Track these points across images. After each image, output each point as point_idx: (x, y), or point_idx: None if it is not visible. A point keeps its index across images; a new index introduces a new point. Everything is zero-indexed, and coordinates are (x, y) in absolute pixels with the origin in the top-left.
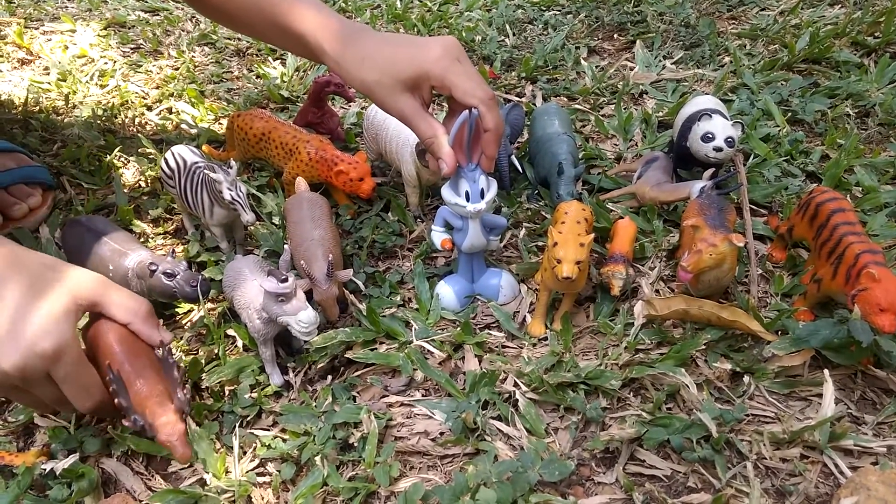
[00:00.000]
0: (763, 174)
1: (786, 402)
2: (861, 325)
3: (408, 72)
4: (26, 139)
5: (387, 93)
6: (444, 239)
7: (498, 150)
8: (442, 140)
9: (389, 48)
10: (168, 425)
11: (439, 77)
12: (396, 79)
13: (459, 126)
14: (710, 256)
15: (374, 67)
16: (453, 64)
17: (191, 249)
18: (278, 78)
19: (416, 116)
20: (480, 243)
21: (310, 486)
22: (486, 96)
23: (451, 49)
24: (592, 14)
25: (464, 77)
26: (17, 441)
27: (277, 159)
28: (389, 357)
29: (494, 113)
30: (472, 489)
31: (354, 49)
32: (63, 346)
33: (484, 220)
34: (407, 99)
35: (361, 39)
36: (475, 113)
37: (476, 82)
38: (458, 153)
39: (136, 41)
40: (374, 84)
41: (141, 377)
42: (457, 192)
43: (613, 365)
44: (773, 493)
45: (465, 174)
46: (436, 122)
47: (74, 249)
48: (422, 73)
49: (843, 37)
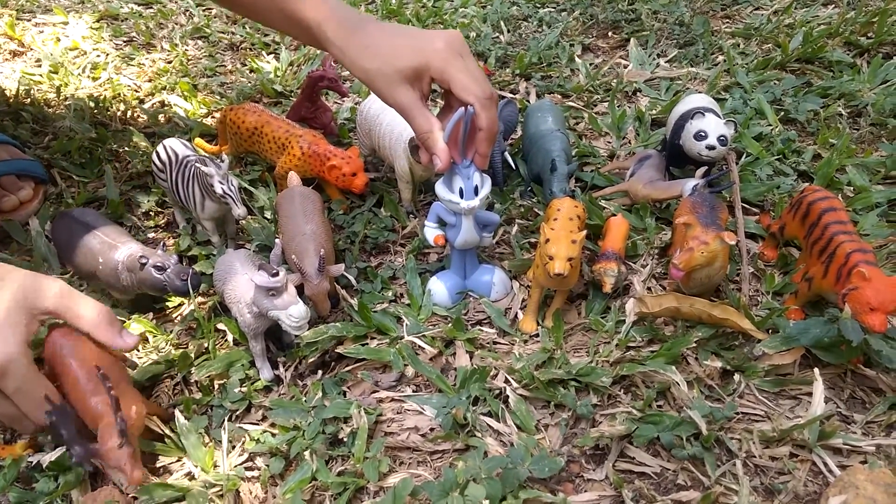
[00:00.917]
0: (755, 173)
1: (776, 401)
2: (851, 323)
3: (409, 63)
4: (17, 131)
5: (387, 83)
6: (437, 235)
7: (491, 148)
8: (437, 135)
9: (393, 38)
10: (112, 451)
11: (439, 70)
12: (397, 69)
13: (455, 123)
14: (701, 254)
15: (376, 56)
16: (455, 58)
17: (182, 243)
18: (272, 72)
19: (414, 109)
20: (473, 240)
21: (298, 481)
22: (483, 95)
23: (454, 43)
24: (587, 11)
25: (464, 73)
26: (4, 433)
27: (270, 153)
28: (380, 352)
29: (490, 112)
30: (461, 485)
31: (358, 38)
32: (7, 361)
33: (477, 217)
34: (406, 90)
35: (365, 28)
36: (471, 110)
37: (476, 79)
38: (453, 150)
39: (129, 34)
40: (375, 73)
41: (96, 395)
42: (451, 188)
43: (604, 362)
44: (763, 491)
45: (460, 171)
46: (433, 117)
47: (64, 242)
48: (423, 64)
49: (837, 37)
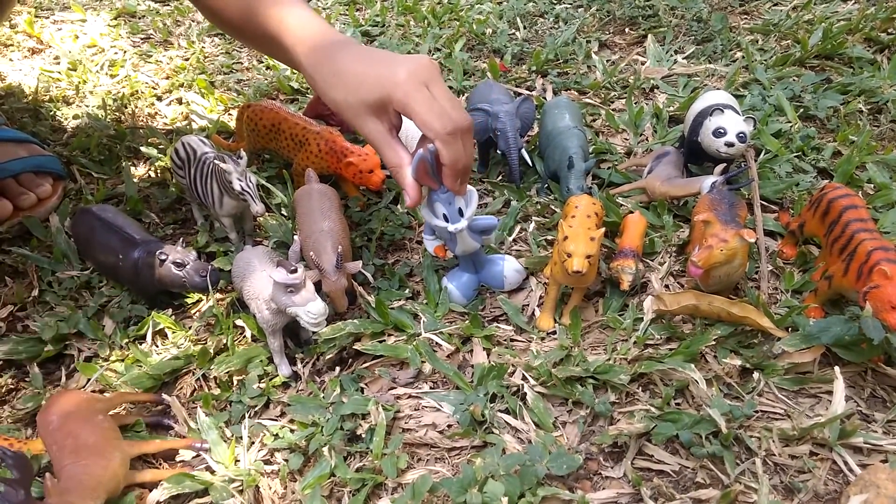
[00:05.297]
0: (774, 170)
1: (795, 399)
2: (872, 322)
3: (373, 95)
4: (36, 128)
5: (353, 114)
6: (437, 246)
7: (462, 182)
8: (405, 171)
9: (361, 67)
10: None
11: (401, 104)
12: (362, 101)
13: (418, 163)
14: (721, 252)
15: (342, 86)
16: (418, 90)
17: (200, 240)
18: (288, 69)
19: (382, 143)
20: (472, 247)
21: (317, 477)
22: (444, 130)
23: (418, 72)
24: (604, 8)
25: (425, 107)
26: (25, 429)
27: (287, 150)
28: (398, 349)
29: (452, 148)
30: (479, 482)
31: (327, 66)
32: None
33: (473, 227)
34: (373, 123)
35: (337, 55)
36: (431, 149)
37: (437, 114)
38: (427, 180)
39: (147, 31)
40: (342, 103)
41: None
42: (435, 214)
43: (622, 360)
44: (782, 489)
45: (439, 197)
46: (402, 151)
47: (84, 238)
48: (384, 97)
49: (857, 33)
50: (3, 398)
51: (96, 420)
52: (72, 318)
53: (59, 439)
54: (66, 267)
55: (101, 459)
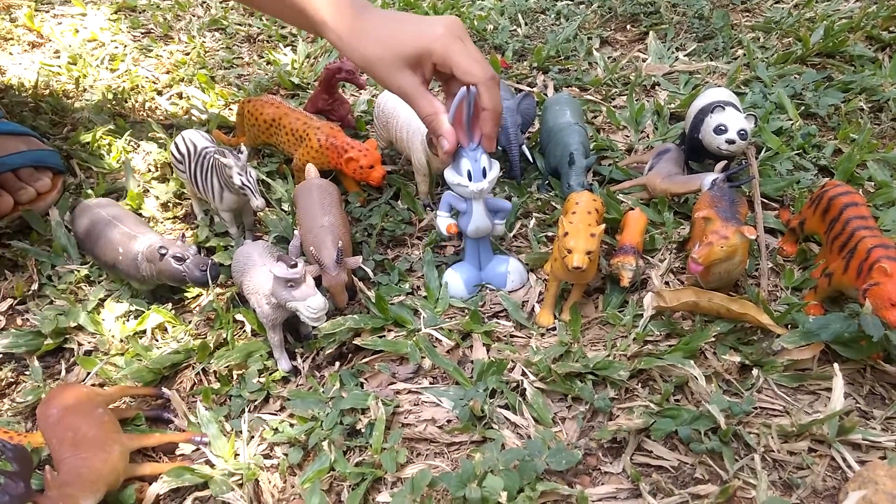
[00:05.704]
0: (775, 167)
1: (794, 396)
2: (872, 319)
3: (410, 48)
4: (36, 122)
5: (388, 69)
6: (450, 224)
7: (496, 129)
8: (442, 117)
9: (392, 24)
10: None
11: (441, 55)
12: (399, 55)
13: (458, 104)
14: (721, 249)
15: (376, 43)
16: (455, 42)
17: (200, 234)
18: (289, 64)
19: (417, 93)
20: (486, 226)
21: (317, 471)
22: (485, 76)
23: (453, 28)
24: (605, 4)
25: (465, 56)
26: (25, 422)
27: (288, 146)
28: (397, 344)
29: (493, 93)
30: (479, 476)
31: (356, 24)
32: None
33: (488, 204)
34: (408, 76)
35: (364, 14)
36: (473, 91)
37: (477, 61)
38: (459, 132)
39: (147, 26)
40: (375, 59)
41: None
42: (459, 172)
43: (622, 356)
44: (781, 485)
45: (467, 154)
46: (436, 100)
47: (84, 233)
48: (424, 50)
49: (858, 31)
50: (3, 391)
51: (96, 413)
52: (72, 311)
53: (58, 432)
54: (65, 261)
55: (100, 452)
